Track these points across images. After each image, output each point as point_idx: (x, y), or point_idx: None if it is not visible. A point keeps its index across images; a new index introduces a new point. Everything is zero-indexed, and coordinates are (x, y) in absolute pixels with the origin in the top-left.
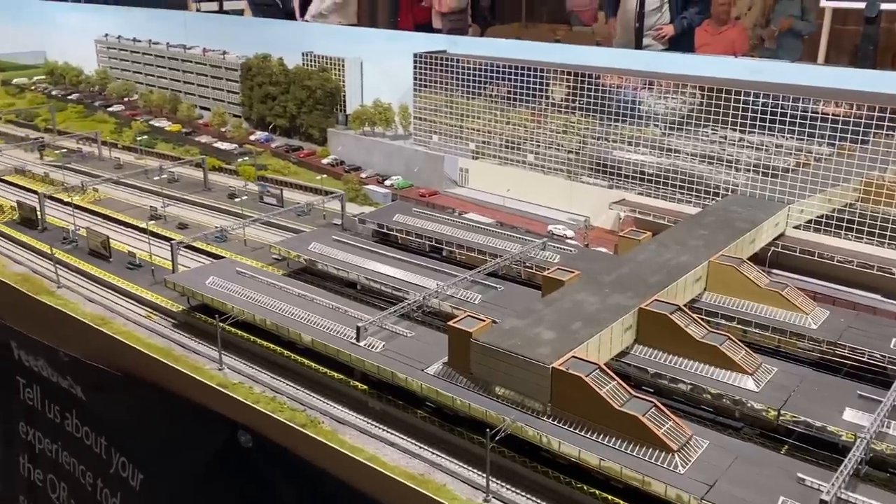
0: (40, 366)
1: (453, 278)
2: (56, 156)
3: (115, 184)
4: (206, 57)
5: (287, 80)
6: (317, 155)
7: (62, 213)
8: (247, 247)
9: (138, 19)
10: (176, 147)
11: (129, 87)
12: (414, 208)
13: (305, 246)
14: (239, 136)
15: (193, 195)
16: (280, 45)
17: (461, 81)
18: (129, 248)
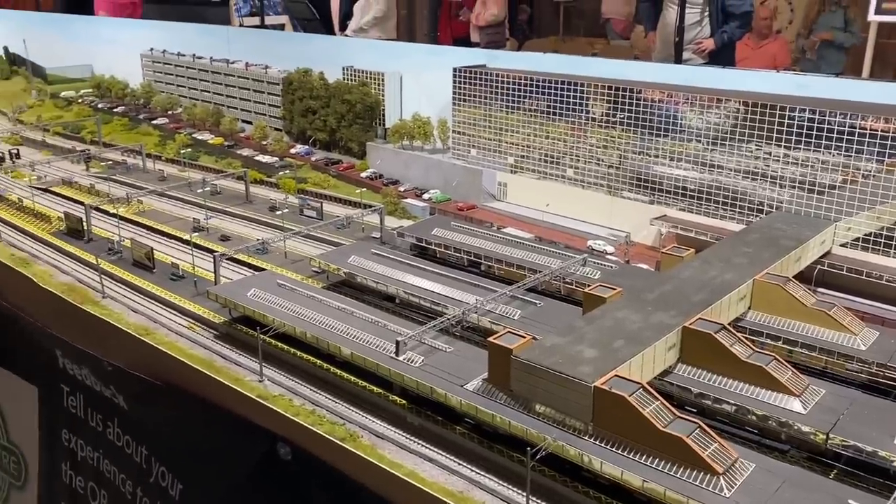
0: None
1: (492, 293)
2: (102, 167)
3: (158, 195)
4: (248, 71)
5: (327, 95)
6: (355, 168)
7: (107, 224)
8: (287, 259)
9: (183, 34)
10: (218, 160)
11: (174, 100)
12: (452, 222)
13: (345, 259)
14: (280, 149)
15: (235, 207)
16: (321, 60)
17: (500, 95)
18: (172, 259)
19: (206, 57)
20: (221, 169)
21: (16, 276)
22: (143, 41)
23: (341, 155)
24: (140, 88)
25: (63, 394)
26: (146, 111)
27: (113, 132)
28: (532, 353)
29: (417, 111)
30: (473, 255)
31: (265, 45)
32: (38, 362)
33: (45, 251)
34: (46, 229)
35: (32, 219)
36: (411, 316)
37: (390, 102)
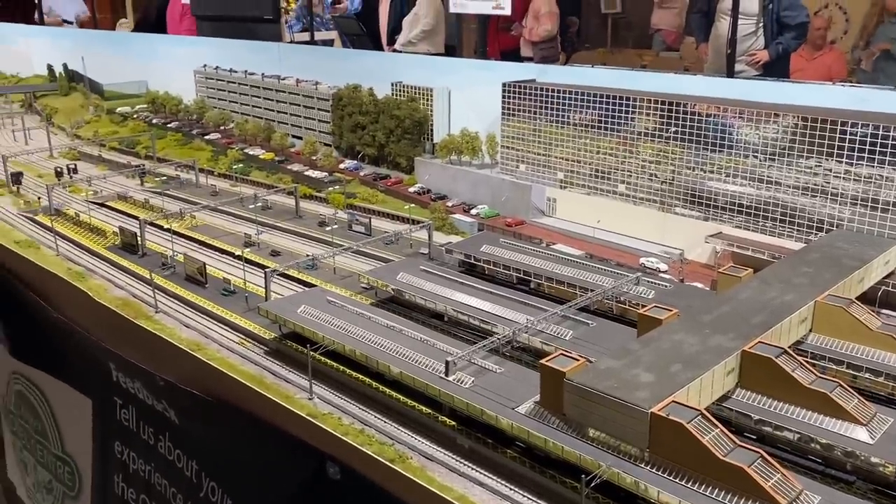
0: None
1: (543, 312)
2: (156, 182)
3: (211, 210)
4: (299, 87)
5: (376, 110)
6: (404, 183)
7: (161, 239)
8: (336, 275)
9: (235, 51)
10: (269, 175)
11: (226, 116)
12: (501, 239)
13: (393, 276)
14: (329, 164)
15: (286, 222)
16: (370, 76)
17: (549, 110)
18: (224, 274)
19: (258, 73)
20: (272, 184)
21: (72, 290)
22: (197, 58)
23: (389, 170)
24: (193, 104)
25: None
26: (199, 126)
27: (167, 147)
28: (586, 377)
29: (465, 126)
30: (522, 272)
31: (315, 61)
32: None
33: (100, 265)
34: (102, 244)
35: (88, 233)
36: (460, 334)
37: (439, 118)
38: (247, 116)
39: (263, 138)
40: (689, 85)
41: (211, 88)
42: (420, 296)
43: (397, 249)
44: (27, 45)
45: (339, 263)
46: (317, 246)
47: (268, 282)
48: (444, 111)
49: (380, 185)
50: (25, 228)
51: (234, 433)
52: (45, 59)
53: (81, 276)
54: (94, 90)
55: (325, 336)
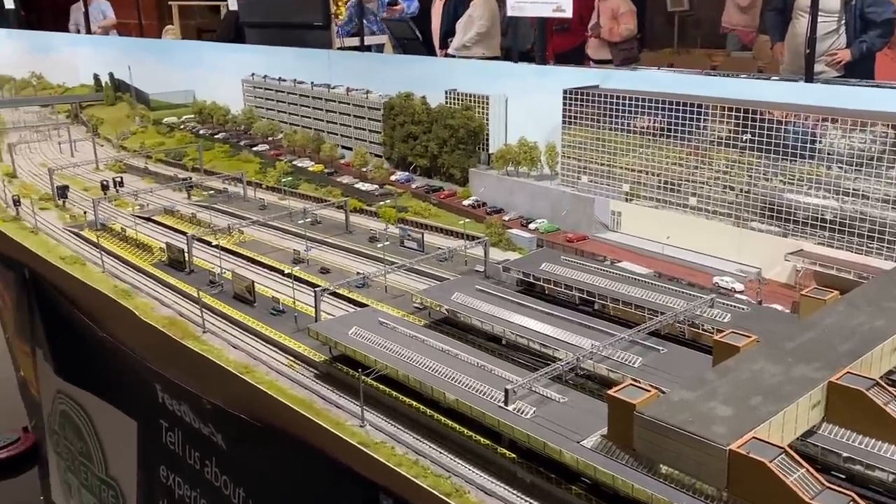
0: (183, 411)
1: (609, 337)
2: (203, 196)
3: (259, 226)
4: (349, 96)
5: (429, 119)
6: (457, 196)
7: (208, 255)
8: (388, 294)
9: (284, 59)
10: (318, 188)
11: (274, 126)
12: (562, 256)
13: (447, 295)
14: (380, 176)
15: (335, 238)
16: (422, 83)
17: (614, 117)
18: (272, 293)
19: (307, 82)
20: (321, 197)
21: (118, 308)
22: (245, 66)
23: (443, 182)
24: (241, 115)
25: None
26: (247, 137)
27: (214, 159)
28: (658, 410)
29: (523, 135)
30: (586, 292)
31: (366, 68)
32: (139, 396)
33: (146, 283)
34: (148, 260)
35: (135, 249)
36: (520, 360)
37: (495, 126)
38: (295, 127)
39: (312, 149)
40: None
41: (259, 98)
42: (476, 317)
43: (451, 267)
44: (73, 54)
45: (390, 282)
46: (368, 263)
47: (317, 301)
48: (500, 120)
49: (432, 197)
50: (71, 244)
51: (282, 460)
52: (91, 69)
53: (127, 294)
54: (140, 100)
55: (376, 360)
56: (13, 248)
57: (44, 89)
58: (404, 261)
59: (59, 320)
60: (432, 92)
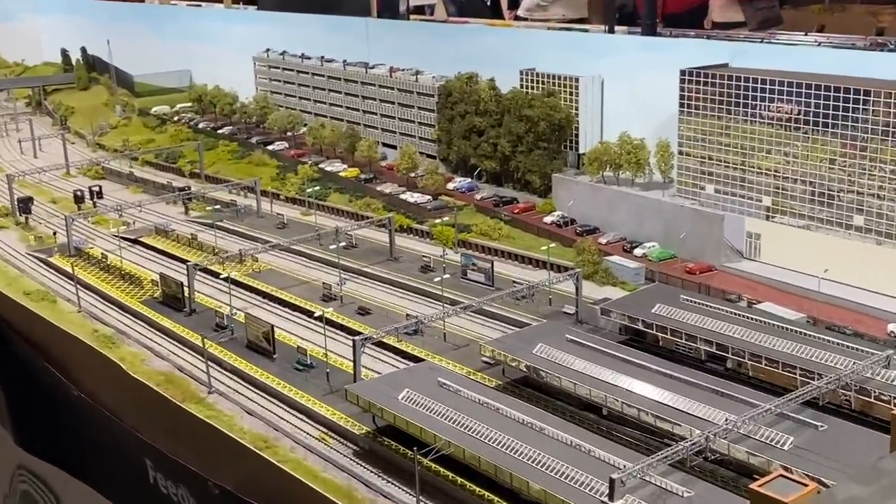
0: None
1: (748, 408)
2: (205, 210)
3: (279, 251)
4: (393, 79)
5: (499, 109)
6: (537, 210)
7: (214, 290)
8: (448, 343)
9: (308, 29)
10: (353, 199)
11: (295, 118)
12: (681, 295)
13: (528, 347)
14: (433, 183)
15: (377, 266)
16: (489, 60)
17: (750, 107)
18: (297, 340)
19: (338, 60)
20: (358, 212)
21: (99, 360)
22: (258, 39)
23: (517, 191)
24: (253, 103)
25: None
26: (260, 132)
27: (218, 161)
28: None
29: (625, 130)
30: (715, 345)
31: (415, 40)
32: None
33: (135, 326)
34: (137, 296)
35: (119, 281)
36: (627, 437)
37: (587, 118)
38: (323, 118)
39: (345, 148)
40: None
41: (275, 80)
42: (566, 378)
43: (532, 308)
44: (35, 23)
45: (451, 327)
46: (420, 301)
47: (357, 353)
48: (594, 109)
49: (504, 212)
50: (37, 274)
51: None
52: (58, 42)
53: (111, 342)
54: (121, 83)
55: (435, 434)
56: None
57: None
58: (469, 299)
59: (20, 374)
60: (503, 72)
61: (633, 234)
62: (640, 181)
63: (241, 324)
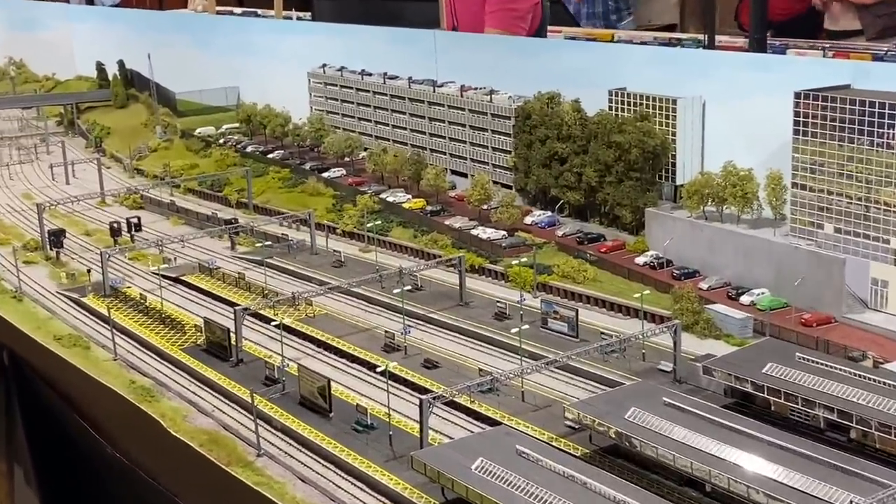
0: None
1: (877, 488)
2: (254, 246)
3: (336, 293)
4: (464, 98)
5: (585, 134)
6: (627, 249)
7: (264, 337)
8: (527, 403)
9: (371, 43)
10: (418, 234)
11: (354, 142)
12: (796, 353)
13: (618, 411)
14: (509, 217)
15: (445, 312)
16: (574, 78)
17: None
18: (356, 397)
19: (403, 77)
20: (423, 249)
21: (137, 415)
22: (313, 53)
23: (604, 227)
24: (307, 124)
25: None
26: (314, 157)
27: (268, 190)
28: None
29: (730, 160)
30: (836, 412)
31: (489, 55)
32: None
33: (177, 378)
34: (179, 343)
35: (160, 326)
36: None
37: (686, 145)
38: (385, 143)
39: (409, 176)
40: None
41: (332, 99)
42: (664, 447)
43: (623, 364)
44: (68, 33)
45: (530, 385)
46: (494, 353)
47: (424, 414)
48: (694, 135)
49: (589, 251)
50: (69, 316)
51: None
52: (92, 55)
53: (150, 395)
54: (162, 101)
55: None
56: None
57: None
58: (550, 352)
59: (49, 428)
60: (589, 92)
61: (739, 279)
62: (748, 218)
63: (294, 377)
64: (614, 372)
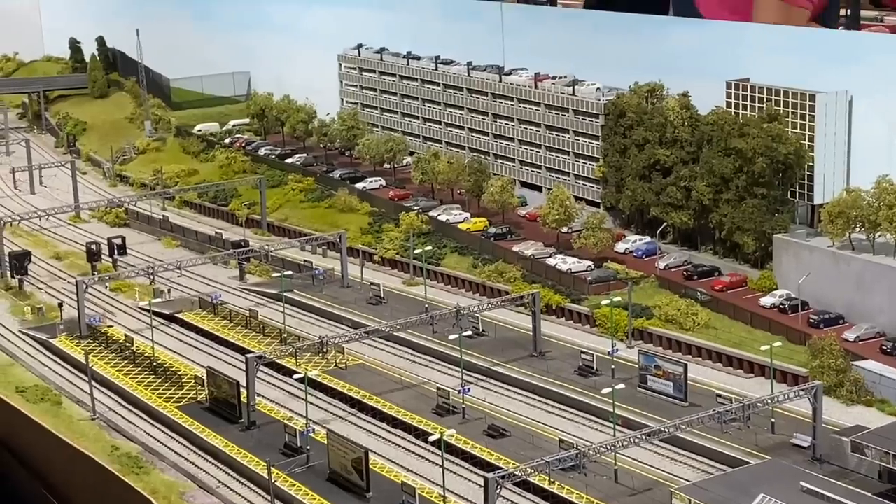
0: None
1: None
2: (268, 276)
3: (373, 337)
4: (539, 90)
5: (695, 138)
6: (749, 287)
7: (282, 393)
8: (621, 485)
9: (420, 17)
10: (479, 263)
11: (397, 144)
12: None
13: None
14: (596, 243)
15: (514, 365)
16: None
17: None
18: (401, 473)
19: (460, 62)
20: (485, 283)
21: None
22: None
23: (719, 258)
24: (336, 121)
25: None
26: (346, 162)
27: (287, 204)
28: None
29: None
30: None
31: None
32: None
33: (171, 443)
34: (175, 399)
35: (150, 377)
36: None
37: (827, 154)
38: (436, 145)
39: (468, 189)
40: None
41: (369, 90)
42: None
43: (747, 437)
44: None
45: (626, 461)
46: (579, 421)
47: (490, 498)
48: (837, 141)
49: (700, 289)
50: (35, 362)
51: None
52: (65, 30)
53: (138, 465)
54: (153, 89)
55: None
56: None
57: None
58: (651, 420)
59: None
60: (701, 83)
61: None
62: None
63: (322, 445)
64: (735, 447)
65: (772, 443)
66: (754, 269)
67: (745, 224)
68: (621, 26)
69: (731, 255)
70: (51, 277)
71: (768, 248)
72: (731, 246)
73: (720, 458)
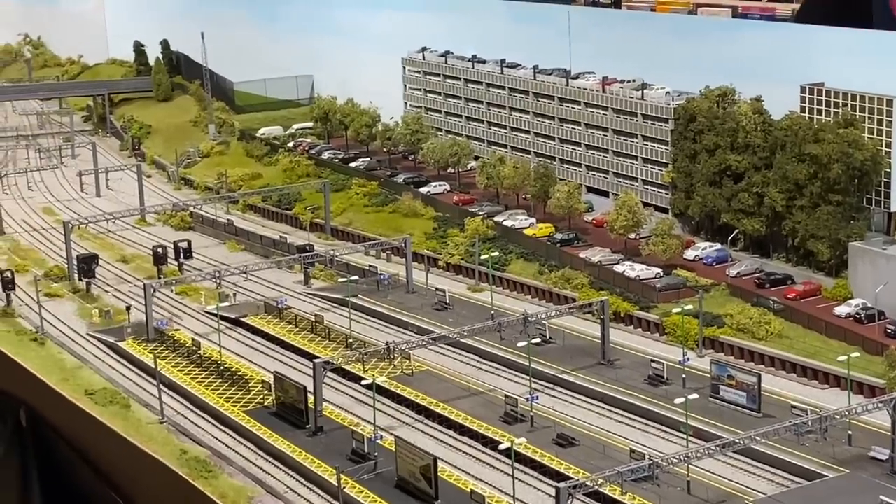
0: None
1: None
2: (333, 280)
3: (440, 343)
4: (607, 94)
5: (768, 144)
6: (824, 296)
7: (349, 399)
8: (694, 497)
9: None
10: (545, 269)
11: (461, 148)
12: None
13: None
14: (665, 250)
15: (582, 373)
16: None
17: None
18: (469, 481)
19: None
20: (552, 290)
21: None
22: (409, 34)
23: (793, 266)
24: (400, 126)
25: None
26: (410, 166)
27: (350, 208)
28: None
29: None
30: None
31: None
32: None
33: (239, 448)
34: (241, 404)
35: (217, 381)
36: None
37: None
38: (501, 150)
39: (534, 194)
40: None
41: (434, 93)
42: None
43: (823, 449)
44: (100, 4)
45: (699, 473)
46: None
47: None
48: None
49: (773, 298)
50: (103, 366)
51: None
52: (129, 33)
53: (206, 469)
54: (217, 92)
55: None
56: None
57: (44, 67)
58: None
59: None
60: (775, 87)
61: None
62: None
63: (390, 452)
64: (811, 459)
65: (849, 455)
66: (829, 278)
67: (820, 231)
68: (689, 29)
69: (804, 263)
70: (118, 280)
71: (843, 257)
72: (805, 254)
73: (796, 471)
